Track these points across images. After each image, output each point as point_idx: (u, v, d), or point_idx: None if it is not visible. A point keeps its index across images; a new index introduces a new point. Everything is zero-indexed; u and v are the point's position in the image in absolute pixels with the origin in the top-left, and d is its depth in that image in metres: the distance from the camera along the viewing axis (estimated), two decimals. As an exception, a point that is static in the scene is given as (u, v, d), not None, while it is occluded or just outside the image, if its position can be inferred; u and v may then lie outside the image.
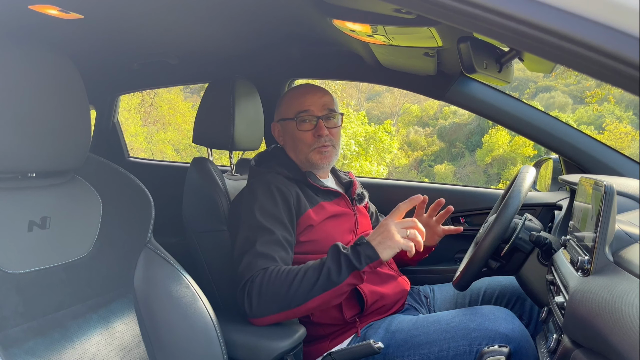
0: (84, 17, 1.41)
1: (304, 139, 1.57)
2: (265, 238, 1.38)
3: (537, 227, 1.41)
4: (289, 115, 1.59)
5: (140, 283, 1.17)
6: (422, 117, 26.24)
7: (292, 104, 1.59)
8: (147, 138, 16.69)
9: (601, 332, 0.75)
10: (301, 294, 1.27)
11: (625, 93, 1.00)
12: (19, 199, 1.01)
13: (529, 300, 1.54)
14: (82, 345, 1.01)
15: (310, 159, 1.58)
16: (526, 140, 17.66)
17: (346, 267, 1.25)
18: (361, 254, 1.25)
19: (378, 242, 1.25)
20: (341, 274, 1.25)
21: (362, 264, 1.25)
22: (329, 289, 1.26)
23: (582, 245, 1.01)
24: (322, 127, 1.56)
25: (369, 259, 1.25)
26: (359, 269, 1.25)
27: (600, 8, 0.57)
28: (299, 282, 1.27)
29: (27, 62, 0.97)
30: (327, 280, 1.26)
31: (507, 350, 1.21)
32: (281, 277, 1.29)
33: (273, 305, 1.29)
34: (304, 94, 1.60)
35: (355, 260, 1.25)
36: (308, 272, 1.28)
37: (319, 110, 1.57)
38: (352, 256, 1.26)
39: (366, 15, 1.23)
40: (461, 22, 0.66)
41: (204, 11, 1.45)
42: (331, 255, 1.29)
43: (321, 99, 1.58)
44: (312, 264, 1.30)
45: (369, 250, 1.25)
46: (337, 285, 1.26)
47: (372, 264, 1.25)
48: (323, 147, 1.56)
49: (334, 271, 1.26)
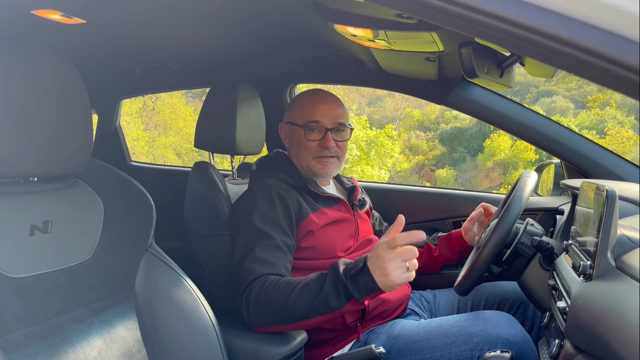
0: (86, 22, 1.41)
1: (309, 148, 1.56)
2: (264, 243, 1.37)
3: (538, 231, 1.40)
4: (298, 122, 1.58)
5: (142, 287, 1.17)
6: (423, 121, 26.25)
7: (303, 111, 1.58)
8: (149, 142, 16.71)
9: (603, 337, 0.75)
10: (297, 312, 1.23)
11: (626, 98, 1.00)
12: (21, 203, 1.02)
13: (532, 306, 1.53)
14: (83, 350, 1.00)
15: (311, 167, 1.57)
16: (528, 145, 17.64)
17: (345, 296, 1.20)
18: (360, 284, 1.19)
19: (379, 276, 1.17)
20: (340, 300, 1.21)
21: (361, 295, 1.19)
22: (327, 313, 1.23)
23: (584, 250, 1.01)
24: (330, 139, 1.55)
25: (367, 290, 1.18)
26: (358, 300, 1.20)
27: (600, 13, 0.57)
28: (294, 298, 1.23)
29: (30, 67, 0.98)
30: (325, 305, 1.21)
31: (508, 355, 1.21)
32: (278, 290, 1.25)
33: (269, 317, 1.28)
34: (316, 103, 1.58)
35: (354, 291, 1.19)
36: (305, 291, 1.23)
37: (329, 122, 1.56)
38: (350, 286, 1.19)
39: (368, 20, 1.24)
40: (462, 27, 0.67)
41: (206, 16, 1.46)
42: (330, 280, 1.23)
43: (334, 111, 1.57)
44: (311, 281, 1.25)
45: (369, 281, 1.17)
46: (336, 310, 1.22)
47: (371, 294, 1.20)
48: (325, 158, 1.56)
49: (332, 298, 1.21)
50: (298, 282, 1.26)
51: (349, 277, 1.20)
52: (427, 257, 1.70)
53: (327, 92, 1.65)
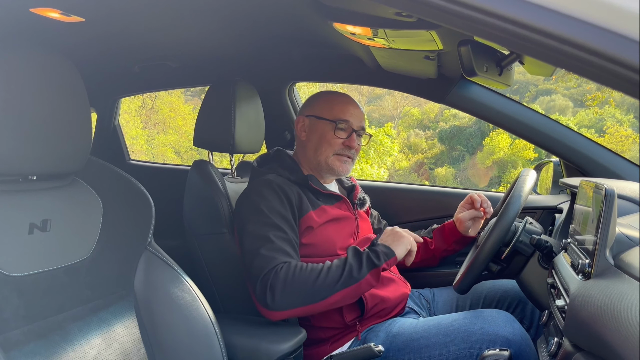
0: (85, 20, 1.41)
1: (334, 144, 1.59)
2: (278, 234, 1.41)
3: (537, 230, 1.41)
4: (328, 117, 1.60)
5: (141, 286, 1.17)
6: (422, 120, 26.22)
7: (334, 108, 1.61)
8: (148, 141, 16.68)
9: (602, 335, 0.75)
10: (325, 289, 1.33)
11: (625, 96, 1.00)
12: (20, 201, 1.01)
13: (530, 304, 1.54)
14: (83, 348, 1.00)
15: (329, 162, 1.59)
16: (527, 143, 17.63)
17: (366, 264, 1.35)
18: (379, 252, 1.38)
19: (391, 241, 1.42)
20: (362, 270, 1.34)
21: (380, 260, 1.36)
22: (350, 285, 1.34)
23: (582, 249, 1.01)
24: (355, 139, 1.61)
25: (386, 256, 1.37)
26: (378, 265, 1.35)
27: (600, 11, 0.57)
28: (324, 277, 1.33)
29: (28, 65, 0.98)
30: (349, 276, 1.34)
31: (507, 353, 1.21)
32: (306, 272, 1.34)
33: (297, 299, 1.33)
34: (347, 103, 1.63)
35: (375, 257, 1.36)
36: (332, 268, 1.36)
37: (356, 125, 1.62)
38: (371, 254, 1.37)
39: (367, 19, 1.24)
40: (462, 26, 0.67)
41: (205, 14, 1.45)
42: (352, 253, 1.38)
43: (361, 114, 1.65)
44: (335, 262, 1.38)
45: (385, 248, 1.39)
46: (357, 281, 1.34)
47: (388, 261, 1.38)
48: (345, 157, 1.60)
49: (355, 268, 1.34)
50: (323, 264, 1.38)
51: (369, 249, 1.39)
52: (425, 252, 1.73)
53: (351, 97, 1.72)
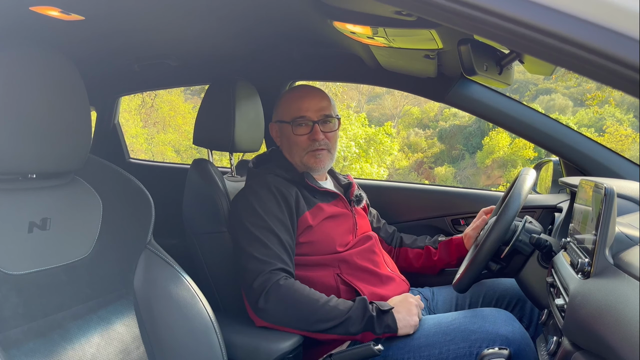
0: (84, 18, 1.41)
1: (299, 143, 1.58)
2: (273, 239, 1.41)
3: (537, 229, 1.41)
4: (285, 119, 1.60)
5: (140, 284, 1.17)
6: (422, 119, 26.22)
7: (289, 108, 1.60)
8: (148, 139, 16.67)
9: (601, 334, 0.75)
10: (317, 323, 1.33)
11: (625, 95, 1.00)
12: (20, 200, 1.01)
13: (530, 303, 1.54)
14: (82, 347, 1.01)
15: (304, 162, 1.59)
16: (526, 143, 17.63)
17: (365, 325, 1.32)
18: (382, 323, 1.33)
19: (402, 317, 1.35)
20: (358, 328, 1.32)
21: (380, 330, 1.33)
22: (340, 334, 1.34)
23: (582, 248, 1.01)
24: (318, 131, 1.58)
25: (387, 329, 1.33)
26: (376, 333, 1.33)
27: (600, 10, 0.57)
28: (321, 313, 1.33)
29: (28, 64, 0.97)
30: (344, 326, 1.33)
31: (507, 352, 1.21)
32: (306, 299, 1.34)
33: (288, 319, 1.35)
34: (301, 98, 1.60)
35: (377, 325, 1.32)
36: (332, 309, 1.34)
37: (315, 116, 1.58)
38: (375, 320, 1.33)
39: (367, 18, 1.23)
40: (462, 25, 0.67)
41: (205, 13, 1.45)
42: (358, 306, 1.34)
43: (318, 103, 1.59)
44: (340, 302, 1.36)
45: (391, 321, 1.33)
46: (349, 334, 1.33)
47: (386, 334, 1.34)
48: (317, 151, 1.58)
49: (353, 322, 1.32)
50: (325, 297, 1.36)
51: (376, 312, 1.33)
52: (426, 260, 1.74)
53: (311, 86, 1.69)
